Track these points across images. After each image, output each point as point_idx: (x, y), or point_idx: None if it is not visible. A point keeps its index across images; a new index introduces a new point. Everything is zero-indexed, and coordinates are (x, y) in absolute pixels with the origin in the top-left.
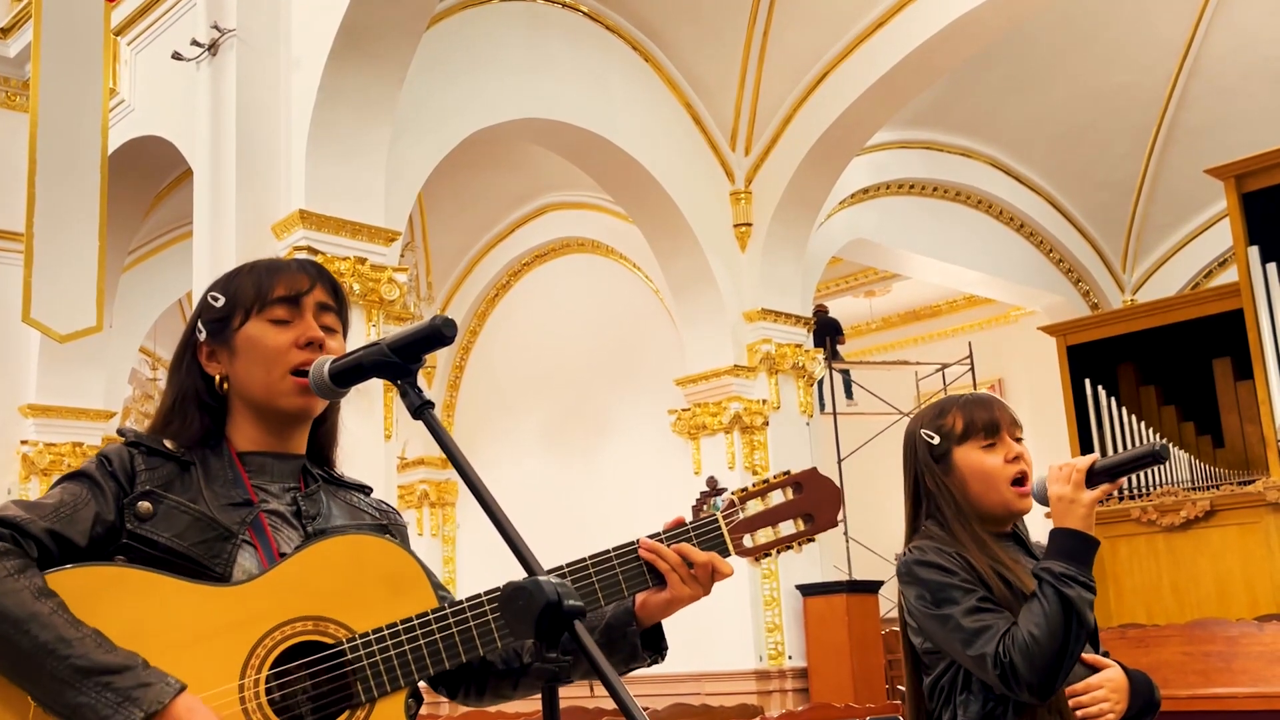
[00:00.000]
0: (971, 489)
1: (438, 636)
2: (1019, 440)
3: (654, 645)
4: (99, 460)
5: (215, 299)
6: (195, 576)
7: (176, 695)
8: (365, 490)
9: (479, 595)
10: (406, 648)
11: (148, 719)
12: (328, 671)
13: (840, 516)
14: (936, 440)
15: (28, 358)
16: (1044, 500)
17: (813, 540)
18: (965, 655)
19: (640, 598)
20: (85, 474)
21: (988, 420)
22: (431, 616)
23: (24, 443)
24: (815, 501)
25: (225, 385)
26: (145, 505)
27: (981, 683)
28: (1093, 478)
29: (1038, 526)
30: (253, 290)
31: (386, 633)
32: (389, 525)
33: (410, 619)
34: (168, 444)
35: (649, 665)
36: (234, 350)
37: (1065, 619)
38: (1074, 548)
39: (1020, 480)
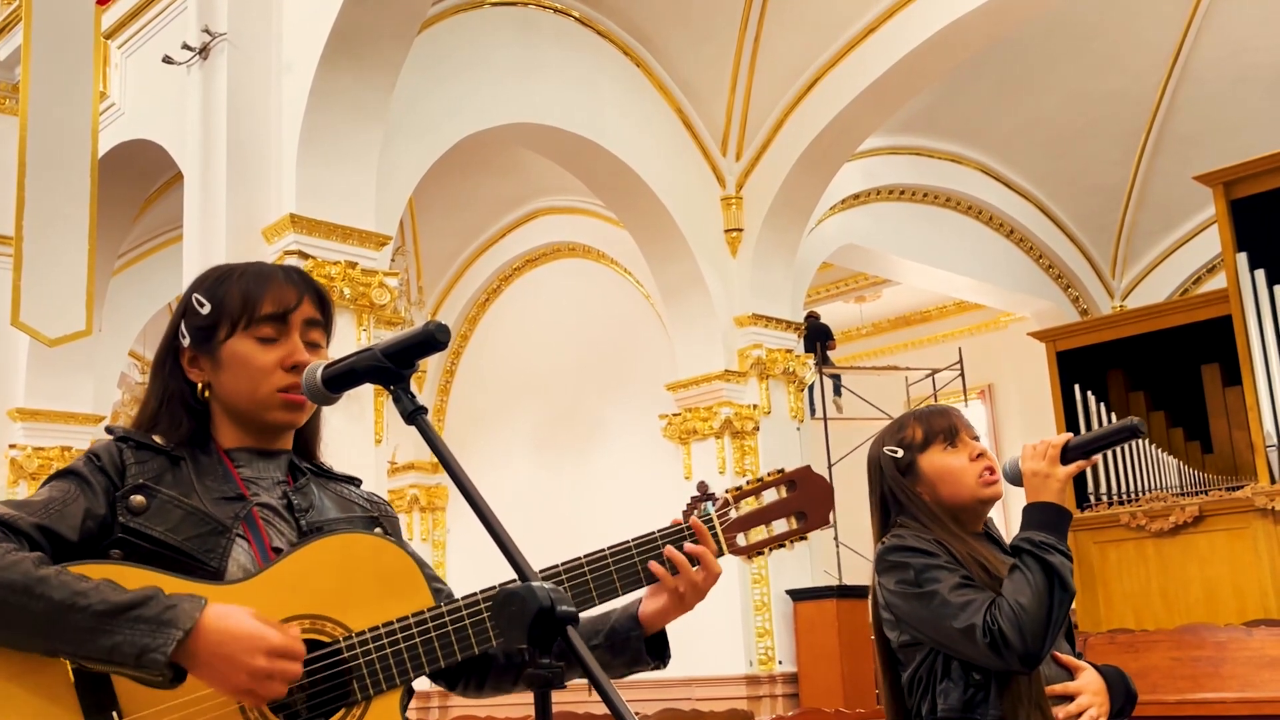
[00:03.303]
0: (942, 491)
1: (434, 635)
2: (976, 439)
3: (658, 652)
4: (87, 457)
5: (201, 304)
6: (189, 571)
7: (205, 607)
8: (355, 483)
9: (474, 594)
10: (403, 646)
11: (186, 636)
12: (324, 670)
13: (831, 517)
14: (900, 454)
15: (16, 361)
16: (1016, 480)
17: (804, 538)
18: (952, 628)
19: (642, 610)
20: (73, 471)
21: (945, 426)
22: (427, 615)
23: (12, 446)
24: (808, 499)
25: (207, 393)
26: (138, 499)
27: (962, 668)
28: (1067, 454)
29: (1018, 521)
30: (240, 302)
31: (383, 631)
32: (380, 517)
33: (406, 618)
34: (156, 439)
35: (652, 669)
36: (218, 362)
37: (1049, 585)
38: (1050, 519)
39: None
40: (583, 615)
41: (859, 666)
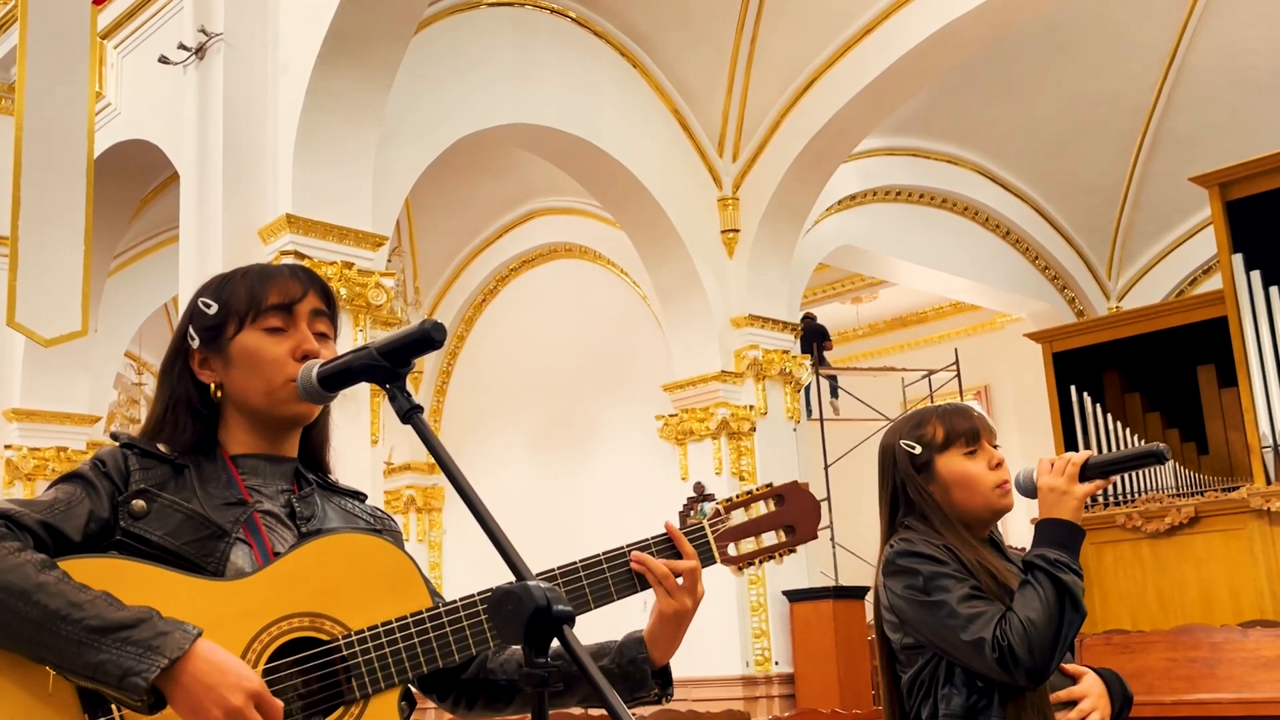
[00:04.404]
0: (955, 495)
1: (431, 635)
2: (996, 448)
3: (662, 680)
4: (93, 462)
5: (207, 305)
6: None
7: (196, 640)
8: (360, 497)
9: (472, 595)
10: (401, 646)
11: (171, 665)
12: (321, 668)
13: (823, 525)
14: (918, 450)
15: (12, 361)
16: (1028, 492)
17: (793, 551)
18: (959, 640)
19: (646, 633)
20: (79, 475)
21: (968, 429)
22: (426, 615)
23: (8, 447)
24: (796, 514)
25: (219, 394)
26: (139, 503)
27: (965, 675)
28: (1086, 472)
29: (1020, 526)
30: (246, 298)
31: (381, 630)
32: (383, 531)
33: (405, 617)
34: (161, 447)
35: (654, 699)
36: (229, 360)
37: (1061, 603)
38: (1064, 537)
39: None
40: (589, 641)
41: (855, 667)
